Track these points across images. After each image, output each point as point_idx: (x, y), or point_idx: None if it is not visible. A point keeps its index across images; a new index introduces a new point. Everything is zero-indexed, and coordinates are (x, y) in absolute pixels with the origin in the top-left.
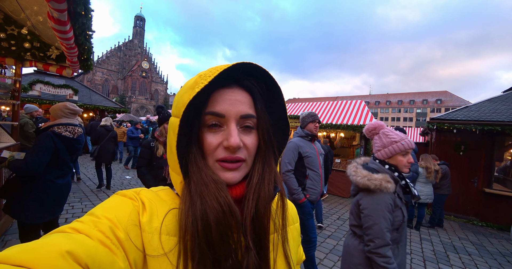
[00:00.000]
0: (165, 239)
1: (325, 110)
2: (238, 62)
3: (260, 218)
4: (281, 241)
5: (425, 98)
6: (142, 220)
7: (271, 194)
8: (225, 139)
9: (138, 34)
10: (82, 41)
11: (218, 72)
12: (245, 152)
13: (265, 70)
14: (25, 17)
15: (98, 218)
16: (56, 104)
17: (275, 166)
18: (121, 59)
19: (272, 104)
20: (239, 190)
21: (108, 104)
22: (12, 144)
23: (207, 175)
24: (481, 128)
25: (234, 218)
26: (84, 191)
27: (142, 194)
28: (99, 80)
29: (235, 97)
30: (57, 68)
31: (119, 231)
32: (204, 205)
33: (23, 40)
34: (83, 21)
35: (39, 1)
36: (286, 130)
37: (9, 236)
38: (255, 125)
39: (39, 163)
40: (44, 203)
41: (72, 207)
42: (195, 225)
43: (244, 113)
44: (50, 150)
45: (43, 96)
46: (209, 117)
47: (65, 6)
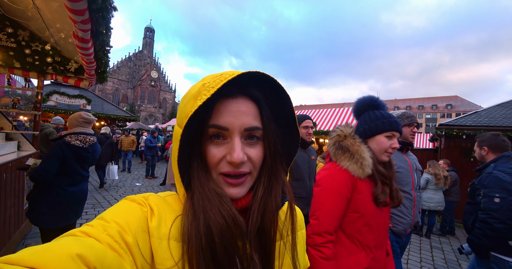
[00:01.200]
0: (173, 245)
1: (331, 117)
2: (244, 72)
3: (266, 230)
4: (290, 250)
5: (434, 103)
6: (151, 225)
7: (278, 206)
8: (228, 153)
9: (148, 45)
10: (101, 56)
11: (222, 82)
12: (250, 165)
13: (272, 78)
14: (49, 35)
15: (108, 222)
16: (71, 115)
17: (284, 177)
18: (131, 69)
19: (280, 112)
20: (244, 201)
21: (119, 113)
22: (33, 152)
23: (210, 189)
24: None
25: (239, 229)
26: (91, 192)
27: (151, 199)
28: (110, 89)
29: (239, 108)
30: (75, 80)
31: (127, 236)
32: (208, 220)
33: (45, 55)
34: (103, 38)
35: (61, 19)
36: (296, 138)
37: (29, 240)
38: (261, 136)
39: (46, 171)
40: (56, 209)
41: (86, 213)
42: (199, 240)
43: (249, 125)
44: (58, 158)
45: (59, 106)
46: (212, 129)
47: (89, 26)
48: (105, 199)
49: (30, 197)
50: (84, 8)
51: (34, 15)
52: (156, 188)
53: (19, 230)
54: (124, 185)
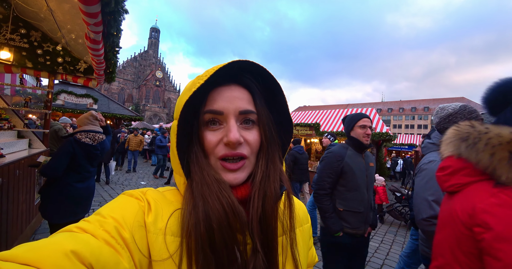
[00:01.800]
0: (169, 240)
1: (335, 118)
2: (234, 60)
3: (267, 218)
4: (289, 243)
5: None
6: (147, 220)
7: (277, 193)
8: (225, 136)
9: (153, 45)
10: (110, 57)
11: (214, 70)
12: (247, 148)
13: (262, 67)
14: (61, 36)
15: (104, 218)
16: (81, 115)
17: (280, 164)
18: (137, 69)
19: (273, 102)
20: (244, 191)
21: (125, 112)
22: (43, 150)
23: (209, 174)
24: None
25: (239, 220)
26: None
27: (148, 194)
28: (116, 89)
29: (232, 93)
30: (84, 80)
31: (124, 231)
32: (207, 206)
33: (56, 55)
34: (114, 39)
35: (73, 21)
36: (289, 128)
37: (39, 235)
38: (256, 120)
39: (55, 167)
40: (64, 204)
41: (92, 210)
42: (198, 227)
43: (243, 108)
44: (68, 155)
45: (67, 105)
46: (207, 115)
47: (101, 28)
48: (111, 196)
49: (42, 192)
50: (98, 11)
51: (46, 17)
52: (160, 186)
53: (30, 225)
54: (129, 184)
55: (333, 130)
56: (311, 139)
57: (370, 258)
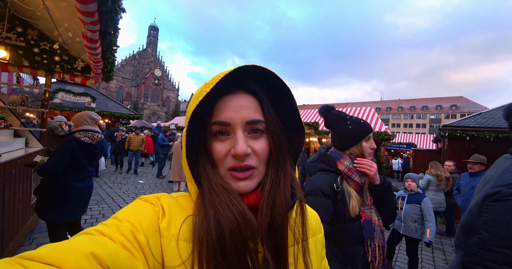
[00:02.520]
0: (182, 246)
1: None
2: (240, 66)
3: (276, 226)
4: (301, 253)
5: (439, 104)
6: (161, 225)
7: (288, 202)
8: (232, 147)
9: (152, 43)
10: (108, 56)
11: (220, 77)
12: (255, 159)
13: (270, 72)
14: (58, 34)
15: (121, 222)
16: (77, 114)
17: (292, 171)
18: (135, 67)
19: (282, 107)
20: (255, 198)
21: (123, 110)
22: (40, 149)
23: (217, 184)
24: (495, 135)
25: (250, 227)
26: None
27: (163, 199)
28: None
29: (239, 103)
30: (82, 79)
31: (140, 235)
32: (218, 215)
33: (53, 54)
34: (111, 38)
35: (70, 19)
36: (301, 132)
37: (36, 234)
38: (264, 129)
39: (55, 165)
40: (64, 205)
41: (90, 209)
42: (209, 235)
43: (250, 118)
44: (68, 154)
45: (64, 104)
46: (215, 126)
47: (98, 27)
48: (109, 195)
49: (38, 192)
50: (94, 10)
51: (43, 15)
52: (159, 186)
53: (27, 224)
54: (127, 182)
55: None
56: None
57: None
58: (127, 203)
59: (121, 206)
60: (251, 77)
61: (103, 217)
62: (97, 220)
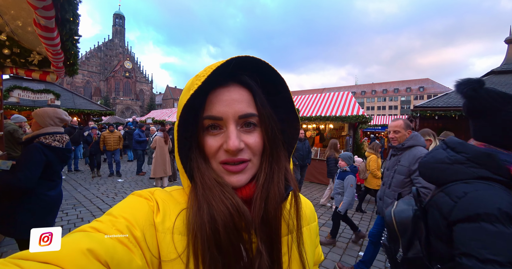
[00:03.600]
0: (177, 239)
1: (313, 103)
2: (233, 57)
3: (270, 219)
4: (296, 243)
5: (408, 86)
6: (156, 220)
7: (282, 194)
8: (225, 142)
9: (118, 33)
10: (69, 47)
11: (211, 70)
12: (249, 152)
13: (264, 62)
14: (4, 23)
15: (116, 218)
16: (43, 110)
17: (286, 163)
18: (102, 60)
19: (276, 98)
20: (248, 191)
21: (93, 107)
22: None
23: (210, 179)
24: (459, 114)
25: (244, 219)
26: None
27: (156, 194)
28: (80, 82)
29: (231, 96)
30: (40, 74)
31: (136, 230)
32: (211, 209)
33: (1, 46)
34: (71, 26)
35: (17, 5)
36: (296, 124)
37: (4, 248)
38: (258, 122)
39: (32, 179)
40: (39, 216)
41: (66, 214)
42: (204, 229)
43: (243, 112)
44: (41, 164)
45: (22, 103)
46: (207, 120)
47: (52, 13)
48: (86, 198)
49: (1, 207)
50: None
51: None
52: (140, 183)
53: None
54: (105, 182)
55: (311, 115)
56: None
57: (352, 235)
58: (107, 205)
59: (101, 208)
60: (244, 68)
61: (81, 221)
62: (75, 225)
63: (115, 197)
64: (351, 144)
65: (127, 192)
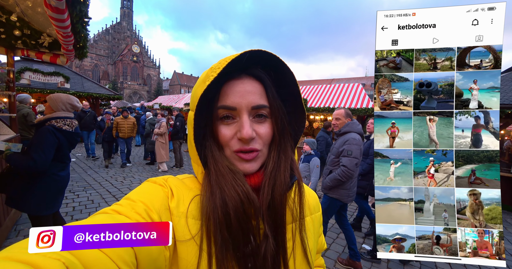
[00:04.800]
0: (191, 223)
1: (321, 94)
2: (246, 51)
3: (276, 205)
4: (299, 230)
5: None
6: (171, 205)
7: (287, 182)
8: (238, 131)
9: (126, 16)
10: (79, 29)
11: (226, 63)
12: (260, 142)
13: (275, 56)
14: (14, 3)
15: (134, 202)
16: (57, 95)
17: (292, 154)
18: (110, 43)
19: (285, 91)
20: (257, 179)
21: (102, 91)
22: (12, 136)
23: (223, 166)
24: None
25: (253, 206)
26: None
27: (170, 181)
28: (89, 65)
29: (245, 88)
30: (51, 56)
31: (153, 214)
32: (223, 194)
33: (12, 27)
34: (81, 8)
35: None
36: (302, 117)
37: (21, 226)
38: (268, 114)
39: (46, 160)
40: (50, 195)
41: (78, 196)
42: (216, 212)
43: (255, 104)
44: (55, 146)
45: (33, 85)
46: (221, 110)
47: None
48: (96, 181)
49: (16, 187)
50: None
51: None
52: (147, 167)
53: (9, 216)
54: (114, 166)
55: (319, 106)
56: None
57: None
58: (116, 188)
59: (110, 191)
60: (256, 61)
61: (92, 203)
62: (86, 206)
63: (124, 181)
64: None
65: (135, 177)
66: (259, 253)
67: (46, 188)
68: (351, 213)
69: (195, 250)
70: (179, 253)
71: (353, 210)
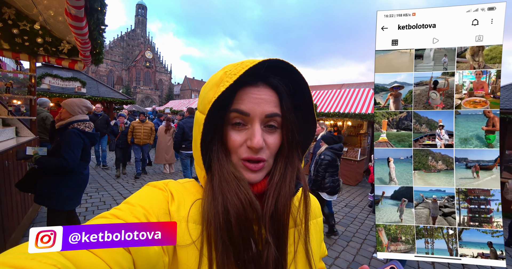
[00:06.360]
0: (192, 227)
1: (332, 99)
2: (265, 59)
3: (279, 215)
4: (303, 235)
5: None
6: (171, 209)
7: (292, 191)
8: (249, 139)
9: (140, 23)
10: (96, 36)
11: (243, 70)
12: (267, 152)
13: (292, 66)
14: (37, 12)
15: (133, 206)
16: (71, 100)
17: (299, 164)
18: (124, 49)
19: (299, 101)
20: (261, 186)
21: (116, 95)
22: (32, 138)
23: (229, 172)
24: None
25: (255, 212)
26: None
27: (170, 185)
28: (104, 71)
29: (261, 96)
30: (69, 62)
31: (152, 218)
32: (225, 201)
33: (35, 35)
34: (98, 16)
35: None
36: (313, 126)
37: (38, 224)
38: (279, 124)
39: (76, 159)
40: (77, 192)
41: (90, 197)
42: (217, 219)
43: (269, 112)
44: (81, 146)
45: (53, 89)
46: (234, 114)
47: (82, 3)
48: (108, 182)
49: (46, 186)
50: None
51: None
52: (157, 170)
53: (27, 215)
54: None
55: (329, 111)
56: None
57: (366, 235)
58: (127, 190)
59: (121, 193)
60: (272, 70)
61: (104, 204)
62: (98, 207)
63: (134, 183)
64: (369, 142)
65: (145, 179)
66: (261, 259)
67: (72, 186)
68: (337, 209)
69: (196, 255)
70: (179, 258)
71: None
